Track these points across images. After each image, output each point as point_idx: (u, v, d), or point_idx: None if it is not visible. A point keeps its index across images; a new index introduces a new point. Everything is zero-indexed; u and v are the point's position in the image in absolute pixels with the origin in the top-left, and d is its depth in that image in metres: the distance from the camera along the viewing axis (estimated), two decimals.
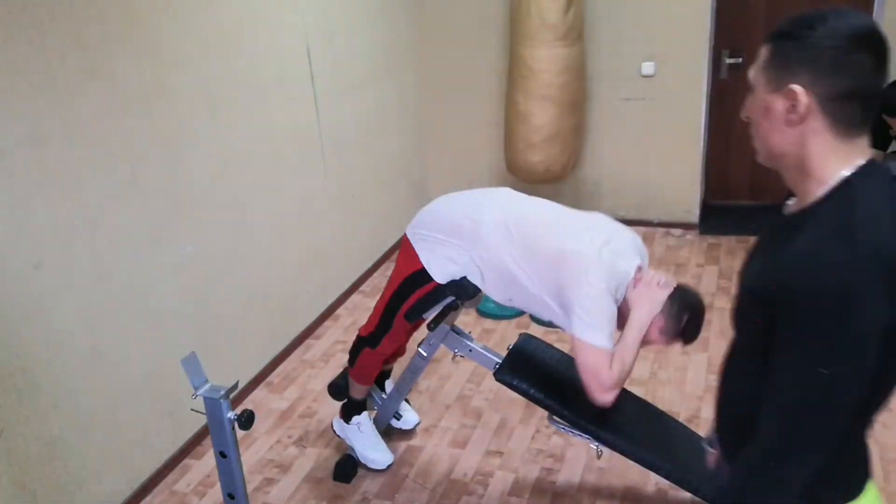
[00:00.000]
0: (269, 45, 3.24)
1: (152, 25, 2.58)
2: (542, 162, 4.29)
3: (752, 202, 5.00)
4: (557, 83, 4.15)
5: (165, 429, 2.79)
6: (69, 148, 2.30)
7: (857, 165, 1.13)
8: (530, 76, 4.14)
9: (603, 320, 2.07)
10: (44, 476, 2.29)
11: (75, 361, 2.37)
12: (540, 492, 2.64)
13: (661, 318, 2.14)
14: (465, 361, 2.73)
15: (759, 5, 4.55)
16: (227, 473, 1.92)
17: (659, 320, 2.14)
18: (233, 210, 3.08)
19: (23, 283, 2.18)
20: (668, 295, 2.15)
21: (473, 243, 2.27)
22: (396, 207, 4.55)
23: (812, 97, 1.11)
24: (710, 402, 3.06)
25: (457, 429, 2.99)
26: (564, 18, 4.07)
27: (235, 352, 3.19)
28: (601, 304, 2.07)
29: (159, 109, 2.64)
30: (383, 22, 4.27)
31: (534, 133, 4.23)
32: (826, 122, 1.12)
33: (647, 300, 2.13)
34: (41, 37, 2.17)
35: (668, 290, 2.16)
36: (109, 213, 2.47)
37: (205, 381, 1.86)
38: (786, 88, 1.12)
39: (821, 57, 1.10)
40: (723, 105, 4.80)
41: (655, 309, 2.13)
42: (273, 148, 3.31)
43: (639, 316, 2.13)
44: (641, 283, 2.16)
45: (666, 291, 2.15)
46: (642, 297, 2.14)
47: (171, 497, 2.71)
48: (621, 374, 2.08)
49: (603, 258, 2.09)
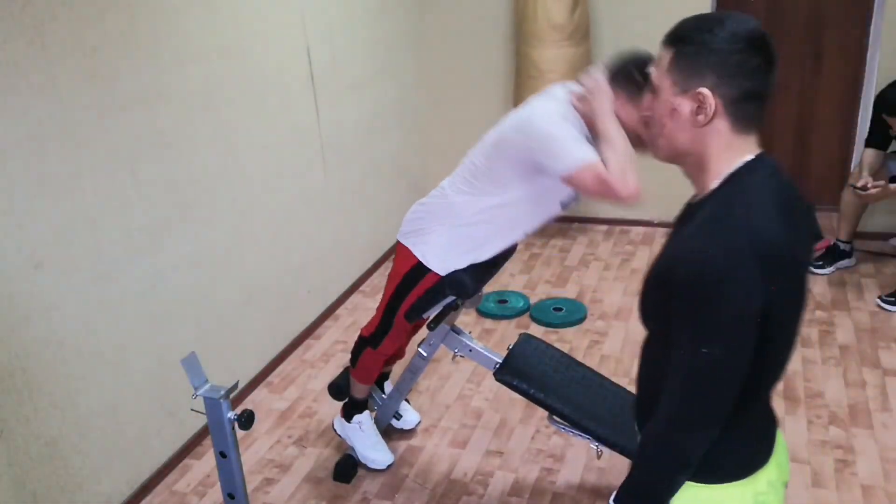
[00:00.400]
0: (269, 44, 3.24)
1: (152, 25, 2.58)
2: None
3: None
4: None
5: (165, 429, 2.80)
6: (69, 148, 2.30)
7: (746, 160, 1.23)
8: (539, 76, 4.18)
9: (569, 142, 2.01)
10: (44, 476, 2.29)
11: (75, 361, 2.37)
12: (540, 492, 2.64)
13: (618, 95, 2.05)
14: (465, 361, 2.73)
15: (759, 5, 4.55)
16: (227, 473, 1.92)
17: (619, 98, 2.05)
18: (233, 210, 3.08)
19: (23, 283, 2.18)
20: (599, 76, 2.07)
21: (449, 213, 2.29)
22: (396, 207, 4.54)
23: (717, 99, 1.18)
24: None
25: (457, 429, 2.99)
26: (571, 19, 4.09)
27: (235, 352, 3.19)
28: (558, 131, 2.03)
29: (159, 109, 2.64)
30: (383, 22, 4.27)
31: None
32: (728, 121, 1.21)
33: (592, 95, 2.06)
34: (41, 37, 2.17)
35: (594, 74, 2.08)
36: (109, 213, 2.47)
37: (205, 381, 1.86)
38: (693, 91, 1.19)
39: (726, 61, 1.16)
40: None
41: (604, 91, 2.05)
42: (273, 148, 3.31)
43: (598, 110, 2.04)
44: (579, 96, 2.11)
45: (594, 76, 2.08)
46: (589, 99, 2.07)
47: (171, 497, 2.71)
48: (619, 164, 1.99)
49: (534, 105, 2.10)
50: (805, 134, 4.75)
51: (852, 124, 4.53)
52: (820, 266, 4.09)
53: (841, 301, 3.79)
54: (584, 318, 3.75)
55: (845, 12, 4.42)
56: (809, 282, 1.26)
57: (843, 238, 4.07)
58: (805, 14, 4.50)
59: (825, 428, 2.86)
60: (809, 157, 4.80)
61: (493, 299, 3.94)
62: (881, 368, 3.21)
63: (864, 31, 4.35)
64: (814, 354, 3.35)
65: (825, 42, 4.52)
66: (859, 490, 2.54)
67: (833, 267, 4.08)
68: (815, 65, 4.58)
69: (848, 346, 3.39)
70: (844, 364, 3.26)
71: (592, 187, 2.02)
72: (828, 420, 2.90)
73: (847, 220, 4.03)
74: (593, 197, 2.06)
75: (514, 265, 4.36)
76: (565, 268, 4.36)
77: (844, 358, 3.31)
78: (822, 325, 3.58)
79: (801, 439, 2.80)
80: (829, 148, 4.73)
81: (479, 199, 2.24)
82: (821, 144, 4.75)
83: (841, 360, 3.29)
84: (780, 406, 2.99)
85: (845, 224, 4.04)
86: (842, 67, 4.53)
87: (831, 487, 2.56)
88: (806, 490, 2.55)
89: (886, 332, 3.49)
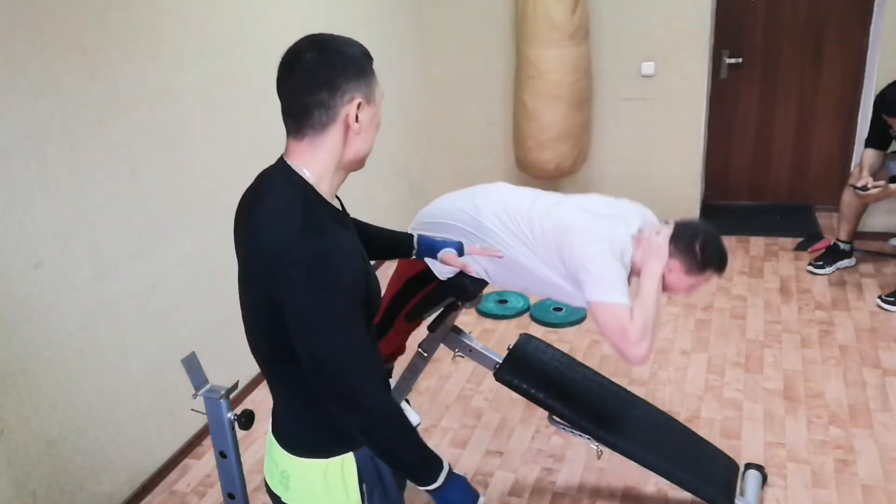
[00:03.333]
0: (269, 45, 3.24)
1: (152, 25, 2.58)
2: (552, 160, 4.33)
3: (752, 202, 5.00)
4: (566, 82, 4.17)
5: (165, 429, 2.80)
6: (69, 148, 2.30)
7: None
8: (538, 76, 4.18)
9: (612, 279, 2.04)
10: (44, 476, 2.29)
11: (75, 361, 2.37)
12: (540, 492, 2.64)
13: (674, 260, 2.11)
14: (465, 361, 2.73)
15: (759, 5, 4.55)
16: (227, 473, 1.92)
17: (674, 263, 2.11)
18: (233, 210, 3.07)
19: (23, 283, 2.18)
20: (668, 236, 2.11)
21: (475, 236, 2.27)
22: (396, 207, 4.55)
23: None
24: (710, 401, 3.06)
25: (457, 429, 2.99)
26: (572, 19, 4.09)
27: (235, 352, 3.18)
28: (607, 265, 2.05)
29: (159, 109, 2.64)
30: (383, 22, 4.27)
31: (543, 132, 4.26)
32: None
33: (650, 252, 2.11)
34: (41, 37, 2.17)
35: (665, 232, 2.12)
36: (109, 213, 2.47)
37: (205, 381, 1.86)
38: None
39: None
40: (723, 105, 4.81)
41: (662, 256, 2.10)
42: (273, 148, 3.28)
43: (648, 267, 2.10)
44: (642, 240, 2.14)
45: (664, 234, 2.12)
46: (646, 252, 2.11)
47: (171, 497, 2.71)
48: (644, 323, 2.02)
49: (601, 225, 2.11)
50: (805, 134, 4.76)
51: (852, 124, 4.53)
52: (820, 266, 4.09)
53: (841, 301, 3.79)
54: (584, 318, 3.75)
55: (845, 13, 4.42)
56: None
57: (843, 238, 4.07)
58: (805, 14, 4.50)
59: (825, 428, 2.86)
60: (809, 157, 4.80)
61: (493, 299, 3.95)
62: (881, 368, 3.21)
63: (865, 32, 4.35)
64: (814, 354, 3.35)
65: (825, 42, 4.52)
66: (859, 490, 2.54)
67: (833, 267, 4.08)
68: (815, 65, 4.59)
69: (848, 346, 3.39)
70: (844, 364, 3.26)
71: (610, 328, 2.05)
72: (828, 420, 2.90)
73: (847, 220, 4.03)
74: (605, 336, 2.09)
75: None
76: None
77: (844, 358, 3.31)
78: (822, 325, 3.58)
79: (801, 439, 2.80)
80: (829, 148, 4.73)
81: (510, 251, 2.22)
82: (821, 144, 4.75)
83: (841, 360, 3.29)
84: (781, 406, 3.00)
85: (845, 224, 4.04)
86: (842, 67, 4.53)
87: (831, 487, 2.56)
88: (806, 490, 2.55)
89: (886, 332, 3.49)
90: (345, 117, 1.32)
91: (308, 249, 1.25)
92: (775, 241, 4.54)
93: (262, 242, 1.30)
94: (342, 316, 1.28)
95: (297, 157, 1.36)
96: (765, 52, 4.64)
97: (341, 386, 1.31)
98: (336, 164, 1.36)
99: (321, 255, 1.25)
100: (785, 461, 2.69)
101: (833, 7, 4.43)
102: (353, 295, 1.29)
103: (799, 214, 4.83)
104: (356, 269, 1.30)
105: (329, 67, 1.30)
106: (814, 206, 4.88)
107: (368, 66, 1.37)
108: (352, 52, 1.34)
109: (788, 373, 3.23)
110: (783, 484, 2.59)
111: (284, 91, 1.33)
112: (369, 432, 1.36)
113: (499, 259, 2.19)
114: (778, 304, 3.81)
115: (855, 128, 4.51)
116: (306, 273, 1.25)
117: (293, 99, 1.32)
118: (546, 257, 2.17)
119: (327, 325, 1.27)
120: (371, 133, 1.39)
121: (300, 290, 1.26)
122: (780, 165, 4.88)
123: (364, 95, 1.33)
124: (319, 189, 1.35)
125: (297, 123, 1.33)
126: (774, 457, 2.72)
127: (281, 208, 1.32)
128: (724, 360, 3.35)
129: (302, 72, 1.30)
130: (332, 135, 1.33)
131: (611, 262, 2.06)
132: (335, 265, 1.26)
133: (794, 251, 4.39)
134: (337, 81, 1.30)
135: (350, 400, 1.32)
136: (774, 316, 3.70)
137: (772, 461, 2.69)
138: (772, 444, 2.78)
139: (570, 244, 2.09)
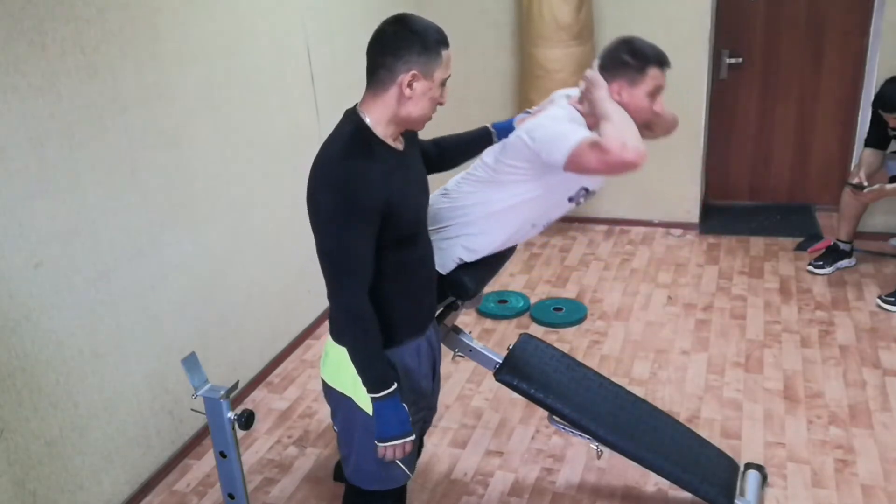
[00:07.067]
0: (269, 45, 3.24)
1: (152, 25, 2.58)
2: None
3: (752, 202, 5.00)
4: (573, 81, 4.17)
5: (165, 429, 2.80)
6: (69, 148, 2.30)
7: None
8: (545, 76, 4.19)
9: (569, 128, 2.03)
10: (44, 476, 2.30)
11: (75, 361, 2.38)
12: (540, 492, 2.64)
13: (615, 82, 2.08)
14: (465, 361, 2.73)
15: (759, 5, 4.55)
16: (227, 473, 1.92)
17: (616, 85, 2.08)
18: (233, 210, 3.08)
19: (23, 283, 2.18)
20: (595, 68, 2.11)
21: (454, 214, 2.28)
22: None
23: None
24: (710, 401, 3.06)
25: (457, 429, 3.00)
26: (577, 18, 4.10)
27: (235, 352, 3.19)
28: (557, 121, 2.06)
29: (159, 109, 2.64)
30: None
31: None
32: None
33: (589, 89, 2.10)
34: (41, 37, 2.17)
35: (588, 72, 2.12)
36: (109, 213, 2.47)
37: (205, 381, 1.87)
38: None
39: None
40: (723, 105, 4.81)
41: (599, 83, 2.08)
42: (273, 148, 3.31)
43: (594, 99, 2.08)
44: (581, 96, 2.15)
45: (587, 74, 2.11)
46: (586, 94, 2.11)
47: (171, 497, 2.71)
48: (617, 132, 1.93)
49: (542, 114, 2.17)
50: (805, 134, 4.76)
51: (852, 124, 4.53)
52: (820, 266, 4.09)
53: (841, 301, 3.79)
54: (583, 318, 3.75)
55: (845, 13, 4.42)
56: None
57: (843, 238, 4.07)
58: (805, 14, 4.50)
59: (825, 428, 2.86)
60: (809, 157, 4.81)
61: (493, 299, 3.95)
62: (881, 368, 3.22)
63: (865, 32, 4.35)
64: (814, 354, 3.35)
65: (825, 43, 4.52)
66: (859, 490, 2.54)
67: (833, 267, 4.08)
68: (815, 65, 4.59)
69: (848, 346, 3.39)
70: (844, 364, 3.26)
71: (591, 160, 1.95)
72: (828, 420, 2.90)
73: (847, 220, 4.03)
74: (602, 172, 2.00)
75: (514, 265, 4.37)
76: (565, 268, 4.36)
77: (844, 358, 3.31)
78: (822, 325, 3.58)
79: (801, 439, 2.80)
80: (829, 148, 4.74)
81: (488, 203, 2.22)
82: (821, 144, 4.75)
83: (841, 360, 3.29)
84: (780, 406, 3.00)
85: (845, 224, 4.04)
86: (842, 67, 4.53)
87: (831, 487, 2.56)
88: (806, 490, 2.56)
89: (886, 332, 3.49)
90: (400, 82, 1.64)
91: (338, 167, 1.64)
92: (775, 241, 4.54)
93: (315, 159, 1.70)
94: (346, 223, 1.62)
95: (364, 104, 1.72)
96: (765, 53, 4.64)
97: (327, 276, 1.68)
98: (389, 117, 1.70)
99: (346, 172, 1.62)
100: (785, 461, 2.69)
101: (833, 7, 4.43)
102: (364, 214, 1.62)
103: (799, 214, 4.83)
104: (376, 194, 1.62)
105: (399, 40, 1.63)
106: (814, 206, 4.88)
107: (437, 48, 1.65)
108: (424, 32, 1.64)
109: (788, 373, 3.23)
110: (783, 484, 2.59)
111: (368, 53, 1.68)
112: (335, 322, 1.79)
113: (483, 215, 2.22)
114: (778, 304, 3.81)
115: (855, 128, 4.51)
116: (331, 182, 1.62)
117: (370, 59, 1.68)
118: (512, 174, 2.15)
119: (331, 225, 1.63)
120: (423, 102, 1.68)
121: (324, 193, 1.63)
122: (780, 165, 4.88)
123: (422, 69, 1.64)
124: (376, 131, 1.70)
125: (369, 79, 1.69)
126: (774, 457, 2.72)
127: (334, 137, 1.73)
128: (724, 360, 3.35)
129: (381, 39, 1.65)
130: (390, 93, 1.66)
131: (565, 120, 2.07)
132: (355, 182, 1.61)
133: (794, 251, 4.39)
134: (401, 52, 1.62)
135: (331, 289, 1.70)
136: (774, 316, 3.70)
137: (772, 461, 2.69)
138: (772, 444, 2.78)
139: (525, 139, 2.09)
